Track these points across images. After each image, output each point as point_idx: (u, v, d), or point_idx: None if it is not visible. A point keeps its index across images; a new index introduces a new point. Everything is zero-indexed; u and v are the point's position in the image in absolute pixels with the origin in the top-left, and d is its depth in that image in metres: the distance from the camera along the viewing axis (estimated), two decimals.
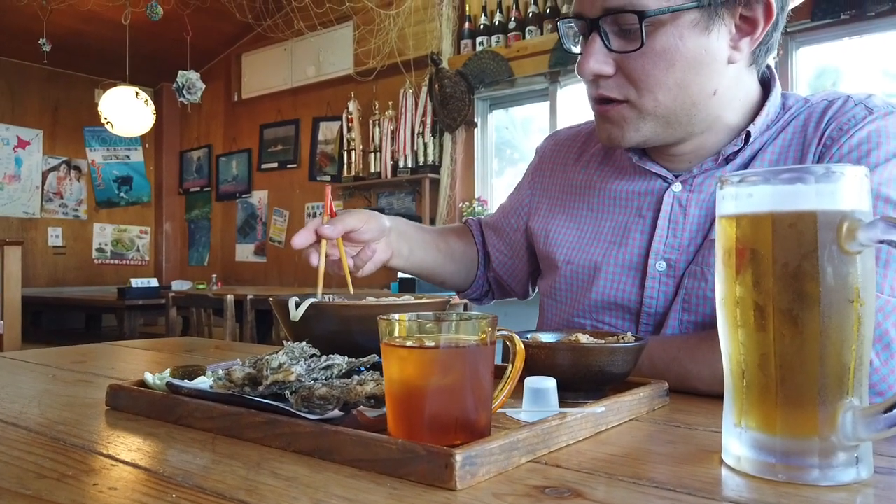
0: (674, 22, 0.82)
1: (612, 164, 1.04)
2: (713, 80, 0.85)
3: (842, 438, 0.47)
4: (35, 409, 0.72)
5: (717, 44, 0.84)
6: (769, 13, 0.83)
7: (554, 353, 0.69)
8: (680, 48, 0.83)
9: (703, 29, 0.82)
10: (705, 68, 0.84)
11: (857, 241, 0.46)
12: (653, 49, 0.83)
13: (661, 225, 0.93)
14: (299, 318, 0.76)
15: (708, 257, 0.88)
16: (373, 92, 5.23)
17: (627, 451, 0.56)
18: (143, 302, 4.94)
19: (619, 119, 0.89)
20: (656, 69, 0.84)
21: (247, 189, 6.44)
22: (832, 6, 3.32)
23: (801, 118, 0.91)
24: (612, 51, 0.85)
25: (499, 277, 1.22)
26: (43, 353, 1.17)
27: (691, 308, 0.89)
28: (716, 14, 0.82)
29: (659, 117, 0.87)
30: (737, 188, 0.51)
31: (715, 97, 0.87)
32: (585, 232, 1.02)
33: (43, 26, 5.03)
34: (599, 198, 1.02)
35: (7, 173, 6.21)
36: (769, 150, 0.90)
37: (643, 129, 0.88)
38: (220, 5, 5.05)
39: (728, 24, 0.84)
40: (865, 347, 0.48)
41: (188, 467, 0.52)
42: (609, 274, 0.96)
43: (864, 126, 0.84)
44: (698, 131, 0.90)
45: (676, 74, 0.84)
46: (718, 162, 0.92)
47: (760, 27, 0.84)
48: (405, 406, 0.53)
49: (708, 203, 0.91)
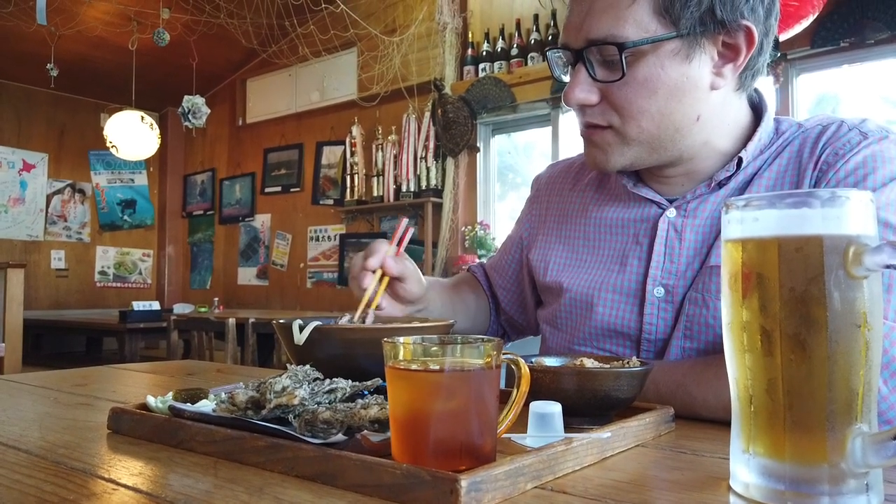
0: (655, 52, 0.83)
1: (607, 191, 1.05)
2: (696, 106, 0.86)
3: (851, 465, 0.47)
4: (36, 433, 0.72)
5: (699, 71, 0.85)
6: (751, 40, 0.84)
7: (559, 378, 0.69)
8: (661, 77, 0.84)
9: (685, 57, 0.84)
10: (687, 95, 0.85)
11: (864, 266, 0.46)
12: (635, 78, 0.84)
13: (657, 251, 0.93)
14: (303, 341, 0.76)
15: (709, 284, 0.88)
16: (376, 117, 5.27)
17: (634, 478, 0.55)
18: (145, 325, 4.93)
19: (604, 144, 0.90)
20: (639, 97, 0.85)
21: (250, 213, 6.46)
22: (832, 33, 3.35)
23: (795, 144, 0.91)
24: (596, 80, 0.87)
25: (510, 318, 1.21)
26: (44, 376, 1.17)
27: (693, 335, 0.89)
28: (696, 43, 0.83)
29: (643, 143, 0.88)
30: (742, 212, 0.51)
31: (699, 123, 0.88)
32: (583, 260, 1.02)
33: (51, 51, 5.10)
34: (595, 226, 1.03)
35: (12, 196, 6.24)
36: (765, 176, 0.90)
37: (628, 153, 0.90)
38: (226, 32, 5.11)
39: (710, 52, 0.85)
40: (874, 372, 0.48)
41: (190, 492, 0.51)
42: (608, 301, 0.96)
43: (860, 151, 0.84)
44: (686, 156, 0.91)
45: (659, 102, 0.85)
46: (711, 187, 0.92)
47: (743, 54, 0.85)
48: (410, 430, 0.53)
49: (703, 228, 0.92)
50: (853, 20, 3.31)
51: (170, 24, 4.94)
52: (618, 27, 0.83)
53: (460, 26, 4.76)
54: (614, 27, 0.83)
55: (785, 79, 3.56)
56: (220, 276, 6.75)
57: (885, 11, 3.23)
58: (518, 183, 4.95)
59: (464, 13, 4.76)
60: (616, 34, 0.83)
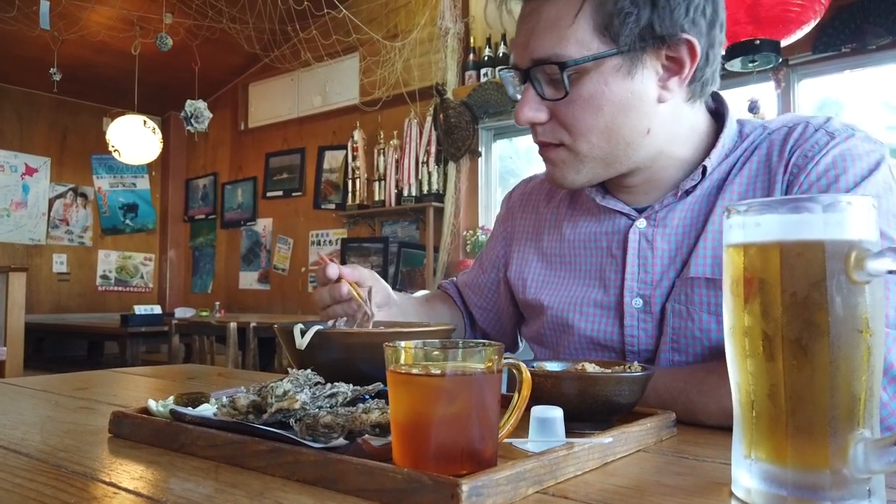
0: (597, 69, 0.84)
1: (579, 205, 1.05)
2: (644, 120, 0.87)
3: (853, 471, 0.47)
4: (37, 436, 0.72)
5: (644, 85, 0.85)
6: (693, 53, 0.84)
7: (560, 383, 0.69)
8: (606, 93, 0.85)
9: (627, 73, 0.84)
10: (634, 110, 0.86)
11: (866, 271, 0.46)
12: (580, 96, 0.85)
13: (630, 262, 0.94)
14: (305, 345, 0.76)
15: (692, 296, 0.87)
16: (378, 121, 5.28)
17: (635, 483, 0.55)
18: (146, 329, 4.93)
19: (559, 162, 0.91)
20: (586, 115, 0.86)
21: (251, 217, 6.47)
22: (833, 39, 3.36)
23: (763, 148, 0.91)
24: (544, 99, 0.87)
25: (486, 335, 1.21)
26: (45, 380, 1.17)
27: (681, 348, 0.89)
28: (638, 58, 0.84)
29: (596, 158, 0.89)
30: (744, 217, 0.51)
31: (650, 136, 0.88)
32: (560, 276, 1.03)
33: (54, 56, 5.11)
34: (570, 240, 1.03)
35: (14, 200, 6.25)
36: (736, 182, 0.90)
37: (583, 170, 0.90)
38: (229, 37, 5.13)
39: (653, 66, 0.85)
40: (875, 378, 0.48)
41: (191, 496, 0.51)
42: (588, 315, 0.97)
43: (829, 151, 0.84)
44: (643, 166, 0.92)
45: (606, 118, 0.86)
46: (678, 196, 0.92)
47: (687, 67, 0.85)
48: (411, 435, 0.53)
49: (674, 236, 0.92)
50: (854, 26, 3.31)
51: (172, 28, 4.95)
52: (560, 46, 0.84)
53: (462, 31, 4.77)
54: (557, 46, 0.84)
55: (786, 84, 3.56)
56: (221, 281, 6.75)
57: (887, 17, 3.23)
58: None
59: (465, 18, 4.77)
60: (558, 53, 0.84)
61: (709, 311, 0.86)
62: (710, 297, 0.86)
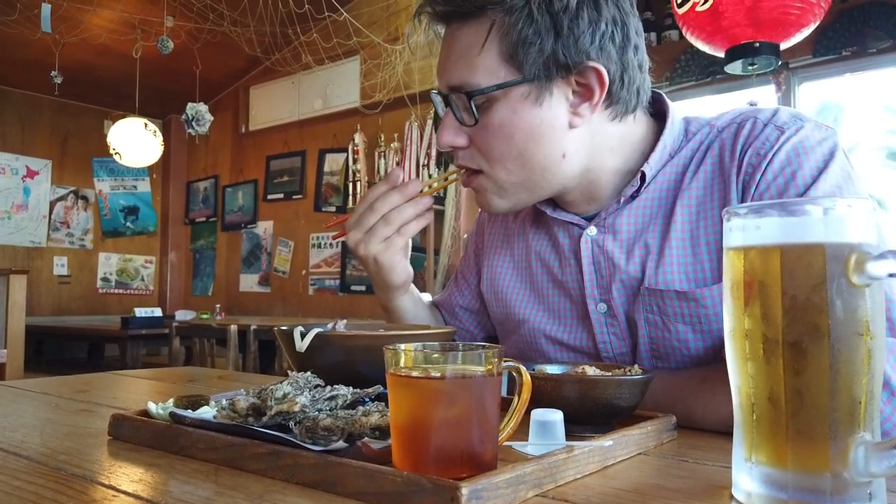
0: (505, 97, 0.84)
1: (540, 222, 1.05)
2: (557, 146, 0.86)
3: (854, 474, 0.46)
4: (37, 439, 0.72)
5: (553, 112, 0.85)
6: (601, 81, 0.84)
7: (560, 386, 0.69)
8: (515, 121, 0.85)
9: (534, 101, 0.84)
10: (544, 137, 0.86)
11: (866, 274, 0.46)
12: (490, 123, 0.86)
13: (587, 269, 0.94)
14: (305, 348, 0.76)
15: (664, 308, 0.87)
16: (378, 124, 5.29)
17: (636, 486, 0.55)
18: (147, 332, 4.93)
19: (482, 189, 0.92)
20: (498, 142, 0.86)
21: (252, 219, 6.47)
22: (833, 42, 3.36)
23: (714, 149, 0.89)
24: (462, 124, 0.88)
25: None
26: (45, 382, 1.17)
27: (661, 355, 0.89)
28: (545, 87, 0.83)
29: (516, 185, 0.89)
30: (744, 220, 0.51)
31: (566, 159, 0.87)
32: (531, 286, 1.03)
33: (55, 59, 5.12)
34: (535, 251, 1.03)
35: (15, 203, 6.26)
36: (693, 187, 0.89)
37: (507, 196, 0.91)
38: (230, 40, 5.14)
39: (563, 92, 0.85)
40: (876, 381, 0.48)
41: (190, 499, 0.51)
42: (562, 323, 0.98)
43: (781, 147, 0.83)
44: (571, 184, 0.91)
45: (518, 145, 0.86)
46: (622, 202, 0.92)
47: (597, 94, 0.84)
48: (411, 437, 0.53)
49: (625, 240, 0.91)
50: (855, 29, 3.32)
51: (173, 31, 4.96)
52: (469, 74, 0.84)
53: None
54: (467, 75, 0.85)
55: (787, 87, 3.57)
56: (222, 283, 6.76)
57: (887, 20, 3.24)
58: None
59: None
60: (468, 81, 0.84)
61: (684, 322, 0.86)
62: (682, 308, 0.85)
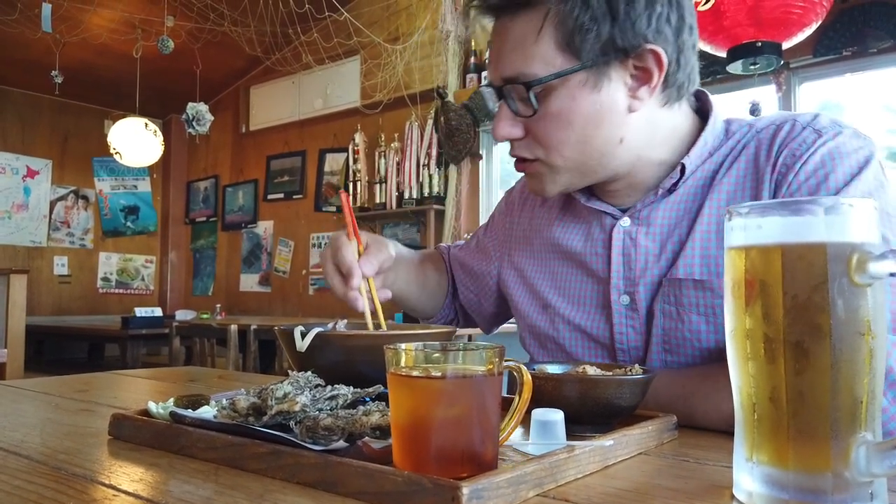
0: (564, 85, 0.84)
1: (570, 206, 1.06)
2: (615, 131, 0.87)
3: (855, 474, 0.46)
4: (37, 438, 0.72)
5: (612, 97, 0.85)
6: (660, 63, 0.84)
7: (561, 385, 0.68)
8: (574, 108, 0.85)
9: (594, 87, 0.84)
10: (604, 121, 0.86)
11: (868, 274, 0.46)
12: (549, 112, 0.86)
13: (615, 260, 0.94)
14: (305, 348, 0.76)
15: (680, 297, 0.87)
16: (379, 124, 5.29)
17: (637, 486, 0.55)
18: (147, 331, 4.93)
19: (536, 174, 0.93)
20: (557, 130, 0.87)
21: (252, 219, 6.47)
22: (834, 42, 3.36)
23: (751, 147, 0.91)
24: (517, 115, 0.88)
25: (465, 309, 1.24)
26: (45, 382, 1.17)
27: (672, 349, 0.89)
28: (603, 72, 0.84)
29: (571, 170, 0.90)
30: (745, 219, 0.51)
31: (623, 144, 0.88)
32: (554, 273, 1.04)
33: (56, 59, 5.12)
34: (561, 239, 1.04)
35: (15, 202, 6.25)
36: (725, 182, 0.90)
37: (560, 180, 0.92)
38: (230, 39, 5.13)
39: (621, 77, 0.85)
40: (878, 381, 0.48)
41: (190, 498, 0.51)
42: (582, 310, 0.98)
43: (817, 150, 0.84)
44: (622, 172, 0.92)
45: (577, 132, 0.86)
46: (659, 194, 0.93)
47: (655, 76, 0.85)
48: (411, 437, 0.52)
49: (658, 234, 0.92)
50: (855, 29, 3.31)
51: (174, 31, 4.96)
52: (525, 65, 0.85)
53: (463, 35, 4.77)
54: (522, 65, 0.85)
55: (787, 87, 3.56)
56: (222, 283, 6.75)
57: (888, 21, 3.23)
58: None
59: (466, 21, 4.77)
60: (524, 72, 0.85)
61: (698, 313, 0.86)
62: (698, 298, 0.86)
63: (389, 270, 1.03)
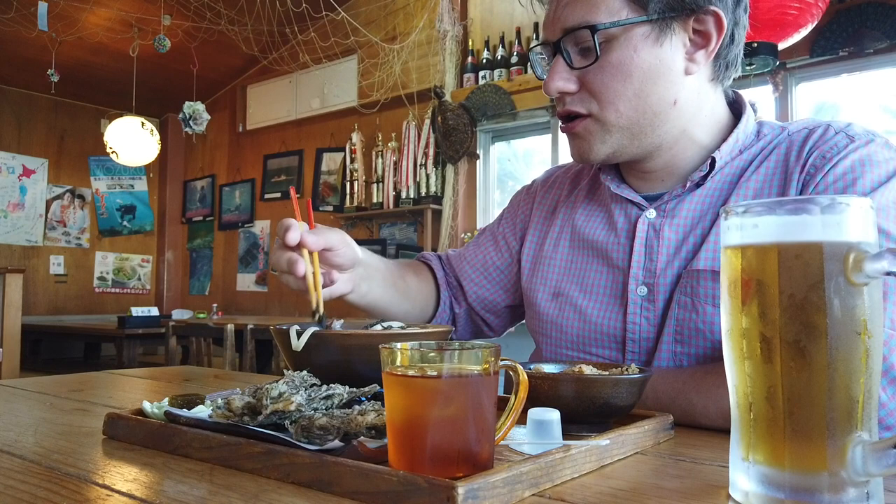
0: (626, 35, 0.87)
1: (595, 196, 1.07)
2: (671, 90, 0.89)
3: (851, 474, 0.46)
4: (31, 438, 0.71)
5: (672, 55, 0.88)
6: (720, 26, 0.87)
7: (557, 385, 0.68)
8: (635, 59, 0.87)
9: (655, 41, 0.87)
10: (662, 78, 0.88)
11: (864, 273, 0.46)
12: (609, 62, 0.88)
13: (637, 251, 0.95)
14: (301, 347, 0.76)
15: (697, 288, 0.88)
16: (376, 124, 5.28)
17: (633, 486, 0.55)
18: (143, 331, 4.92)
19: (586, 133, 0.93)
20: (615, 81, 0.88)
21: (249, 219, 6.46)
22: (831, 43, 3.36)
23: (782, 148, 0.92)
24: (573, 68, 0.90)
25: (474, 311, 1.20)
26: (41, 382, 1.16)
27: (684, 339, 0.89)
28: (667, 27, 0.87)
29: (623, 129, 0.91)
30: (742, 219, 0.50)
31: (676, 107, 0.90)
32: (571, 259, 1.04)
33: (52, 57, 5.11)
34: (583, 227, 1.04)
35: (11, 201, 6.24)
36: (752, 179, 0.91)
37: (609, 141, 0.92)
38: (227, 38, 5.13)
39: (681, 37, 0.88)
40: (874, 380, 0.48)
41: (185, 498, 0.51)
42: (595, 298, 0.98)
43: (848, 155, 0.85)
44: (666, 144, 0.93)
45: (634, 85, 0.88)
46: (687, 187, 0.93)
47: (714, 40, 0.88)
48: (407, 437, 0.52)
49: (682, 227, 0.93)
50: (852, 30, 3.32)
51: (171, 30, 4.95)
52: (590, 14, 0.87)
53: (460, 34, 4.78)
54: (587, 14, 0.87)
55: (784, 87, 3.57)
56: (218, 283, 6.74)
57: (884, 21, 3.24)
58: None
59: (464, 21, 4.77)
60: (589, 20, 0.87)
61: (713, 304, 0.87)
62: (715, 289, 0.87)
63: (362, 281, 0.99)
